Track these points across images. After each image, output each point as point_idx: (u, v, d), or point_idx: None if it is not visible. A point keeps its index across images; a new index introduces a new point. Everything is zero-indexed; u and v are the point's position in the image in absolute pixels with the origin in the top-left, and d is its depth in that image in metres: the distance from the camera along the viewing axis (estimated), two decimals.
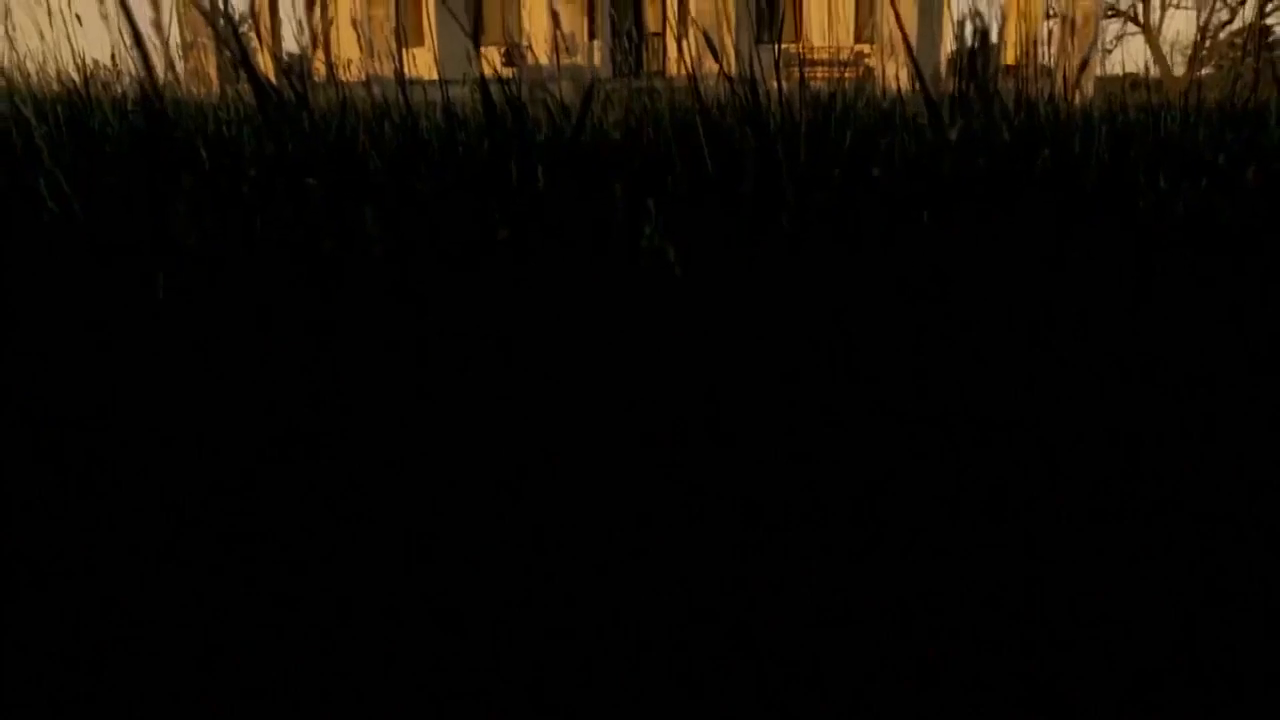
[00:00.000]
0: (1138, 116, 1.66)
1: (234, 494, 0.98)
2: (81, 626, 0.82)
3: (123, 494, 0.97)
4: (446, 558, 0.91)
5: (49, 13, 3.37)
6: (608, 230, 1.00)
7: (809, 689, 0.74)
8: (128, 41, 3.57)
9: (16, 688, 0.74)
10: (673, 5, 25.53)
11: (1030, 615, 0.84)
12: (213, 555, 0.90)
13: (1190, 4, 35.76)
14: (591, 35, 24.48)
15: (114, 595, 0.85)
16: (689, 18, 24.58)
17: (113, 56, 3.78)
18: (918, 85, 2.22)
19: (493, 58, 20.89)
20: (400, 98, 2.40)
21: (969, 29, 2.48)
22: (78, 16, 3.24)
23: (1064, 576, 0.89)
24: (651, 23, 25.85)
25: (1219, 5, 35.14)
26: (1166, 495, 1.03)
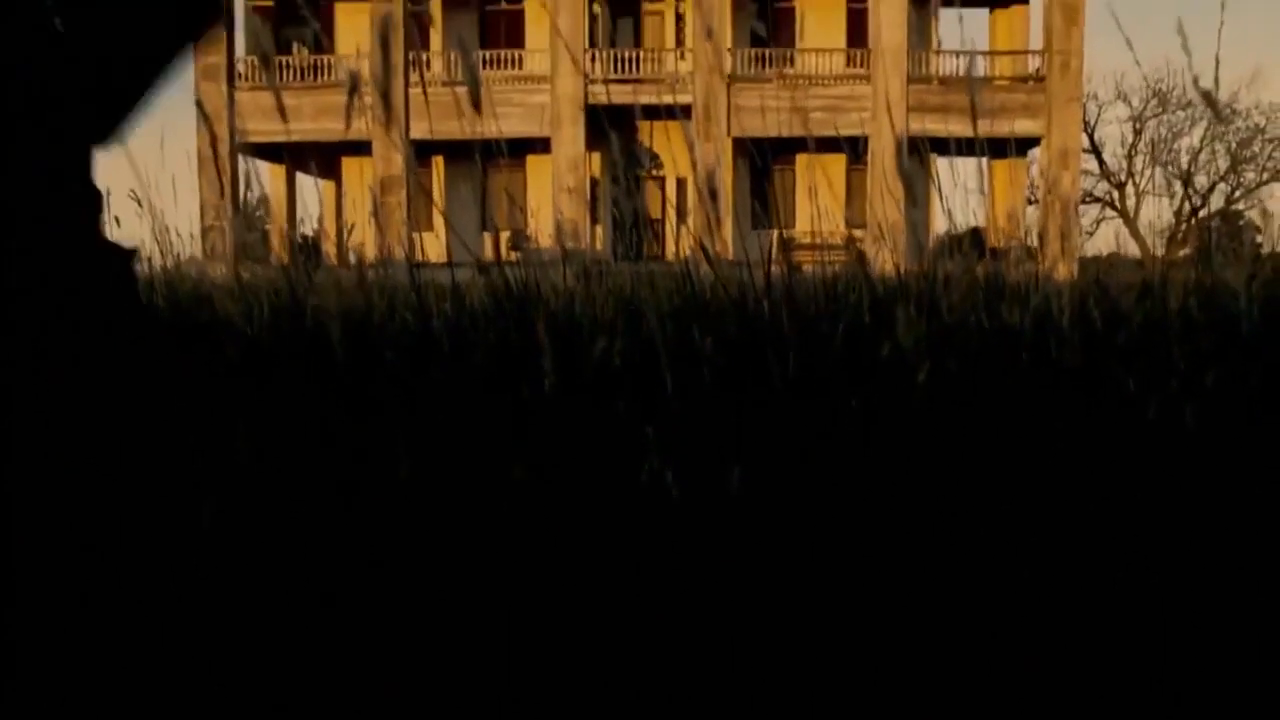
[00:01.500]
0: (1120, 305, 1.70)
1: None
2: None
3: None
4: None
5: None
6: (609, 457, 1.02)
7: None
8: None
9: None
10: (671, 193, 26.78)
11: None
12: None
13: (1163, 191, 37.58)
14: (594, 221, 25.59)
15: None
16: (688, 203, 25.76)
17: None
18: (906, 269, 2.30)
19: (500, 242, 21.64)
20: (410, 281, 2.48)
21: (957, 214, 2.59)
22: (117, 219, 3.42)
23: None
24: (651, 209, 27.05)
25: (1190, 192, 36.90)
26: None
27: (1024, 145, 25.78)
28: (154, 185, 3.69)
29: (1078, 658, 1.13)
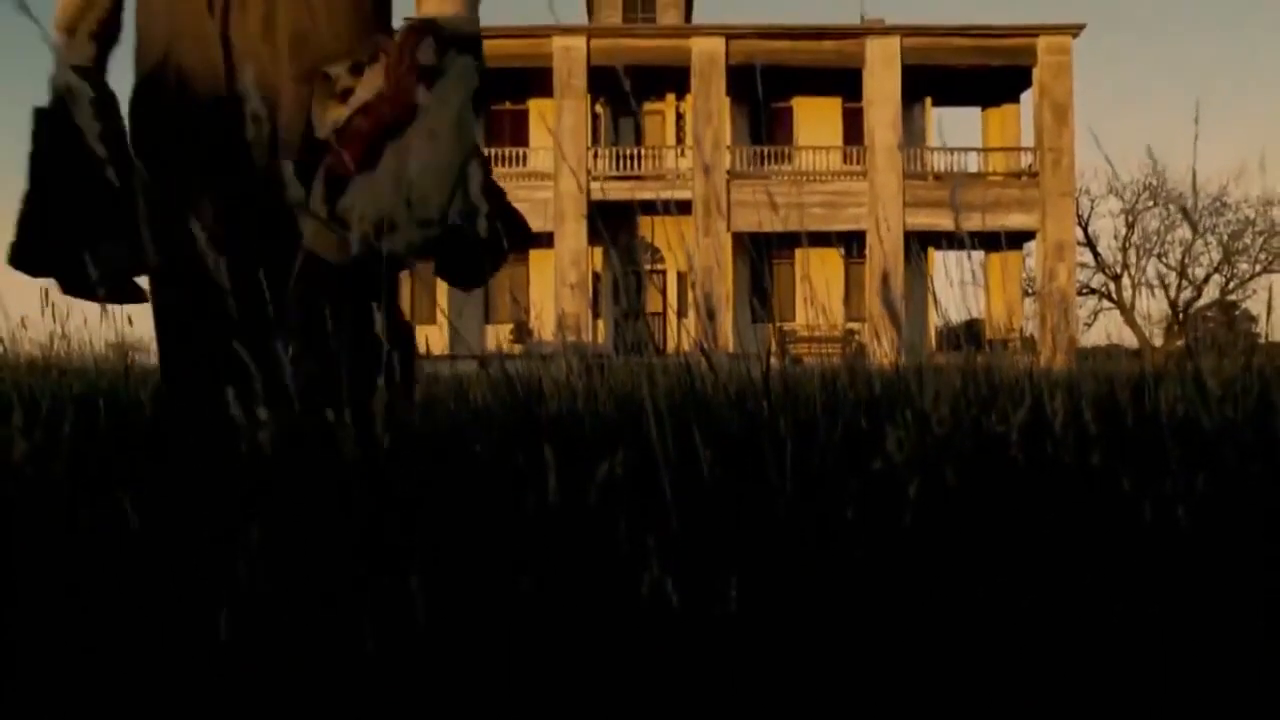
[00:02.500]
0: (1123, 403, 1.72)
1: None
2: None
3: None
4: None
5: (103, 310, 3.65)
6: (611, 568, 1.03)
7: None
8: None
9: None
10: (672, 287, 27.14)
11: None
12: None
13: (1157, 282, 38.06)
14: (595, 315, 25.89)
15: None
16: (689, 286, 26.08)
17: None
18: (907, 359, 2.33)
19: (502, 335, 21.98)
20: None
21: (955, 307, 2.63)
22: (130, 319, 3.57)
23: None
24: (652, 303, 27.38)
25: (1184, 284, 37.37)
26: None
27: (1020, 239, 26.26)
28: None
29: None
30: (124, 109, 1.58)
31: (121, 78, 1.76)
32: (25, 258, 1.57)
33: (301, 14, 1.50)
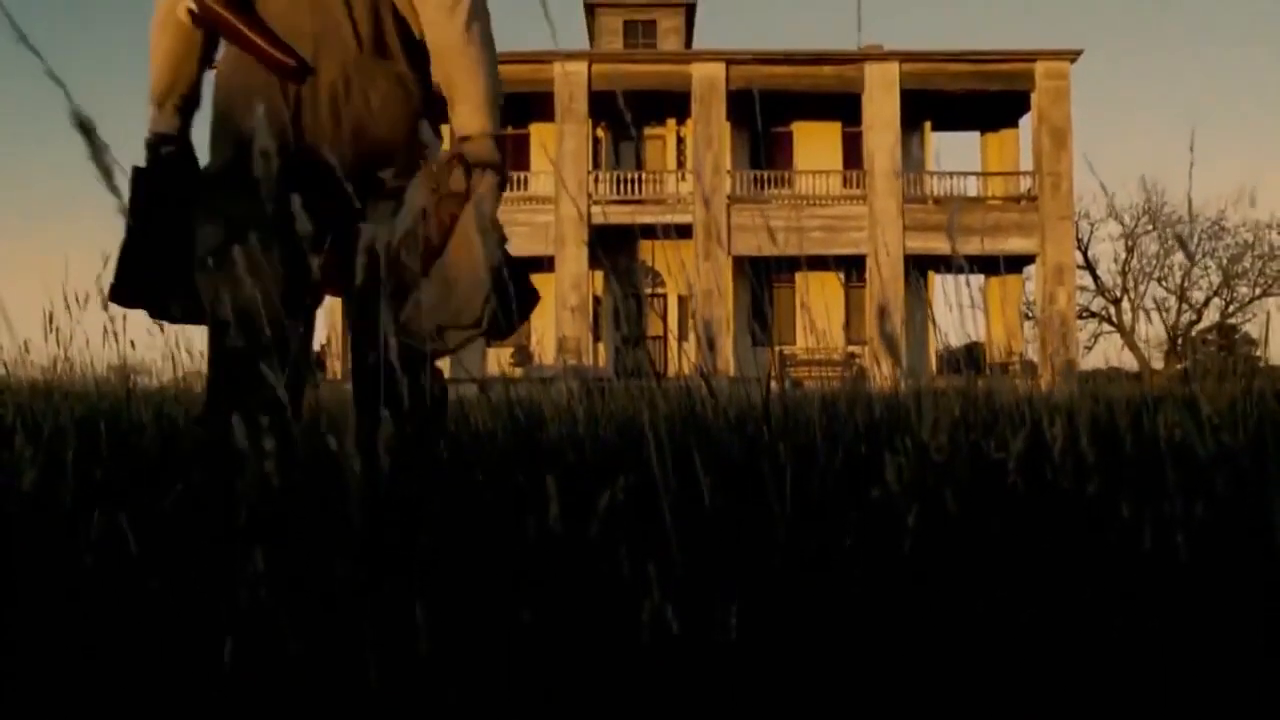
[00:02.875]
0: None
1: None
2: None
3: None
4: None
5: (105, 333, 3.74)
6: (612, 596, 1.04)
7: None
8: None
9: None
10: (673, 310, 27.19)
11: None
12: None
13: (1158, 306, 38.14)
14: (596, 338, 25.92)
15: None
16: (689, 321, 26.12)
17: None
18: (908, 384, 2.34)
19: (503, 357, 22.02)
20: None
21: (956, 330, 2.64)
22: (132, 343, 3.69)
23: None
24: (653, 326, 27.42)
25: (1184, 307, 37.45)
26: None
27: (1019, 263, 26.33)
28: None
29: None
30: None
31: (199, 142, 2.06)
32: (121, 294, 1.94)
33: (363, 108, 1.83)
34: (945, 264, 2.18)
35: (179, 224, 1.81)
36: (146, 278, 1.91)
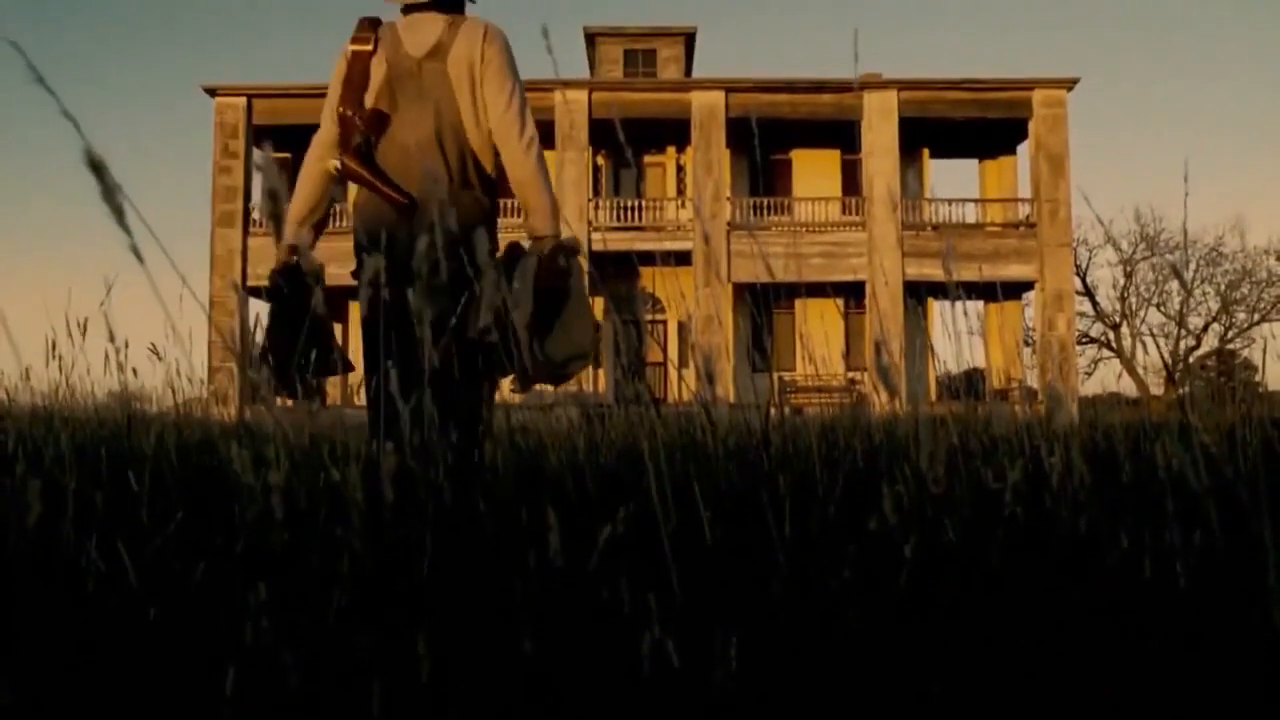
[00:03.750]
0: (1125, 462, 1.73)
1: None
2: None
3: None
4: None
5: (106, 357, 3.79)
6: (613, 628, 1.05)
7: None
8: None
9: None
10: (673, 338, 27.22)
11: None
12: None
13: (1158, 332, 38.22)
14: (596, 365, 25.84)
15: None
16: (689, 349, 26.14)
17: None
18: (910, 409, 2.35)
19: (504, 383, 21.87)
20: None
21: (955, 356, 2.65)
22: (134, 370, 3.82)
23: None
24: (653, 352, 27.43)
25: (1183, 333, 37.51)
26: None
27: (1018, 289, 26.40)
28: (170, 334, 3.80)
29: None
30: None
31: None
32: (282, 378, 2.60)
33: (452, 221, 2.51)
34: (944, 291, 2.19)
35: (306, 306, 2.37)
36: (279, 358, 2.60)
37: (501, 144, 2.68)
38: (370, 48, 2.69)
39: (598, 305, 26.08)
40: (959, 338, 2.75)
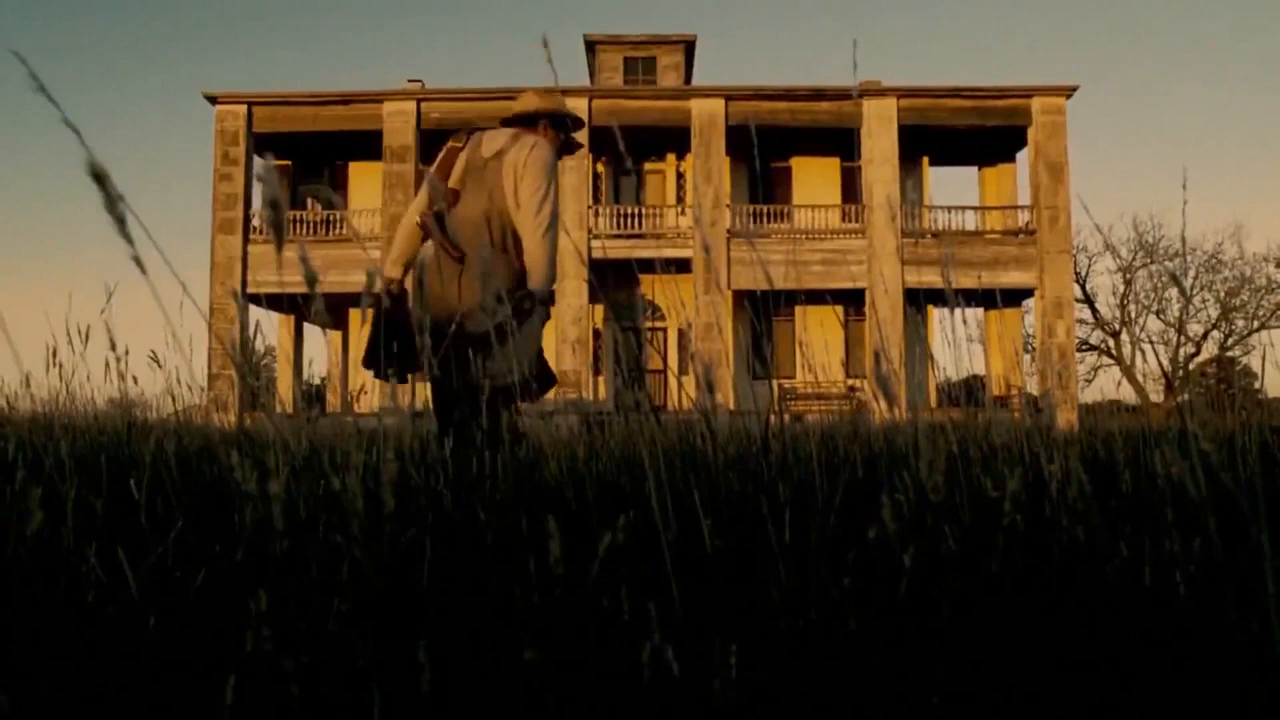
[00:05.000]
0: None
1: None
2: None
3: None
4: None
5: (106, 365, 3.82)
6: (613, 636, 1.05)
7: None
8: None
9: None
10: (673, 344, 27.22)
11: None
12: None
13: (1157, 339, 38.23)
14: (596, 372, 25.93)
15: None
16: (689, 356, 26.15)
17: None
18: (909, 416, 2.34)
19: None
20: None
21: (955, 363, 2.65)
22: (134, 378, 3.97)
23: None
24: (653, 359, 27.43)
25: (1183, 340, 37.52)
26: None
27: (1018, 296, 26.44)
28: (171, 340, 3.80)
29: None
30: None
31: None
32: (368, 364, 3.72)
33: (491, 274, 3.49)
34: (944, 298, 2.19)
35: (399, 326, 3.65)
36: (378, 355, 3.68)
37: (521, 229, 3.66)
38: (461, 146, 3.87)
39: (596, 313, 26.18)
40: (959, 345, 2.75)
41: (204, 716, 1.01)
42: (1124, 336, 37.78)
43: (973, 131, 26.50)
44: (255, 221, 25.99)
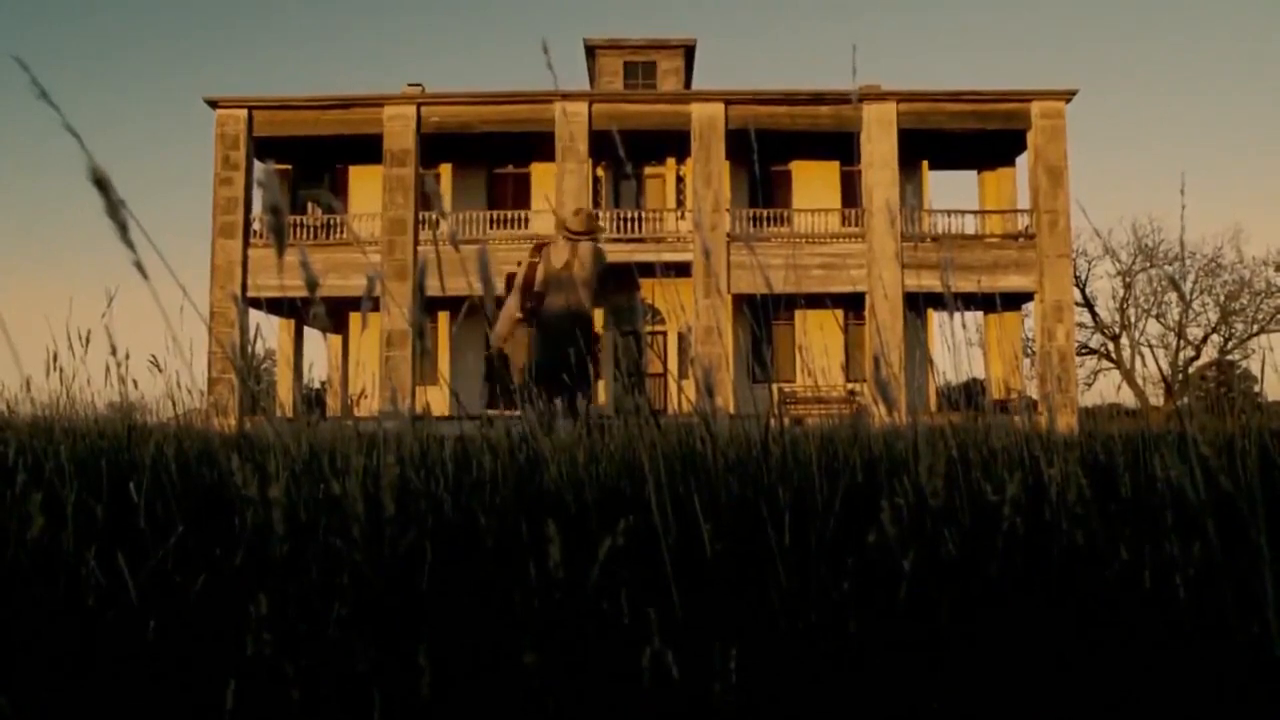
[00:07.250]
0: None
1: None
2: None
3: None
4: None
5: (106, 369, 3.80)
6: (614, 640, 1.05)
7: None
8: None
9: None
10: (673, 349, 27.22)
11: None
12: None
13: (1157, 342, 38.24)
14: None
15: None
16: (689, 360, 26.14)
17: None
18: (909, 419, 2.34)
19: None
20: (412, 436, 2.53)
21: (955, 367, 2.65)
22: (135, 381, 3.87)
23: None
24: (653, 364, 27.42)
25: (1183, 343, 37.52)
26: None
27: (1018, 300, 26.42)
28: (171, 344, 3.80)
29: None
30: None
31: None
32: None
33: (581, 321, 6.05)
34: (943, 302, 2.20)
35: (503, 367, 5.81)
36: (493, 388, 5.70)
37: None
38: (538, 260, 5.82)
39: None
40: (958, 349, 2.75)
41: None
42: (1124, 340, 37.79)
43: (972, 135, 26.51)
44: (256, 225, 25.98)
